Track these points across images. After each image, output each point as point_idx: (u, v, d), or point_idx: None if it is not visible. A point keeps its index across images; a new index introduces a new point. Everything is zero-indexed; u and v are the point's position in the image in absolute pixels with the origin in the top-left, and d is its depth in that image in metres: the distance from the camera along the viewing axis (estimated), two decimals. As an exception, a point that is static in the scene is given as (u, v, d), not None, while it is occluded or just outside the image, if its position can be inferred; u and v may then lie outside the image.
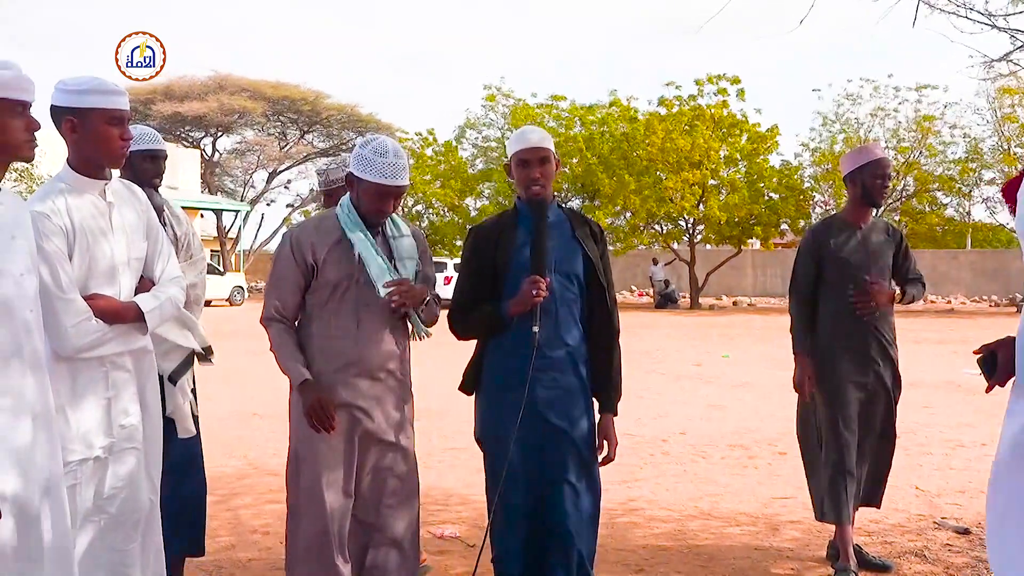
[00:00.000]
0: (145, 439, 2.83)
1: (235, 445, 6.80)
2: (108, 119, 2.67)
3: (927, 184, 27.35)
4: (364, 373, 2.98)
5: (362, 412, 2.98)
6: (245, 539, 4.52)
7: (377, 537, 3.03)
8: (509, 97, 32.80)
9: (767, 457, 6.56)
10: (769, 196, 28.78)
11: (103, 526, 2.71)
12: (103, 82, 2.71)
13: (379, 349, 3.00)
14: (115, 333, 2.69)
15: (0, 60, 2.38)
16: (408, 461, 3.10)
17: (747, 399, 9.46)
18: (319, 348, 2.99)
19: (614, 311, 3.24)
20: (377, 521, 3.03)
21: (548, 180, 3.15)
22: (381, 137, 3.04)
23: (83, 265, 2.67)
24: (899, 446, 6.87)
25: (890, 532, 4.66)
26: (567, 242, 3.17)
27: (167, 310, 2.86)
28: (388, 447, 3.04)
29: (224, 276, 29.55)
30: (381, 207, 2.99)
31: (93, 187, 2.75)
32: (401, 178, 2.97)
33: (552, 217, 3.18)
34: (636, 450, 6.68)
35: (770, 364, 12.73)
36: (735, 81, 28.23)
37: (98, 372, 2.70)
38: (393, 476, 3.05)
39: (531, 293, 2.97)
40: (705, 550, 4.37)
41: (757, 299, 34.24)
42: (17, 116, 2.37)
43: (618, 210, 28.74)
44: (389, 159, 2.94)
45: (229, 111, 42.69)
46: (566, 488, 3.08)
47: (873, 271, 4.07)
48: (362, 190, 2.99)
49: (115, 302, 2.71)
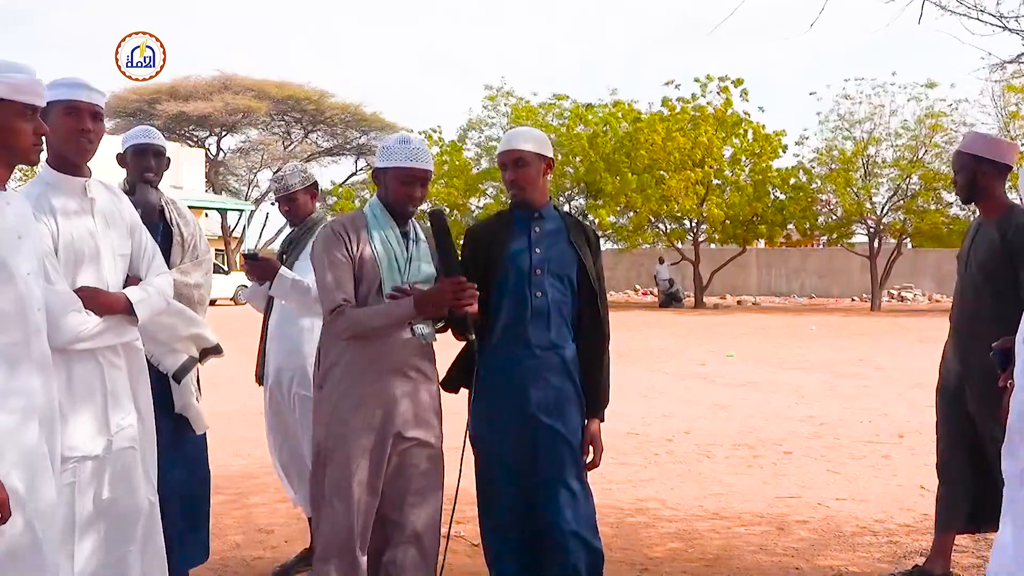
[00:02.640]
0: (142, 440, 2.84)
1: (242, 444, 6.81)
2: (65, 110, 2.72)
3: (932, 182, 27.26)
4: (394, 370, 2.95)
5: (392, 409, 2.96)
6: (252, 538, 4.52)
7: (397, 534, 3.01)
8: (511, 96, 32.78)
9: (772, 456, 6.55)
10: (775, 196, 28.75)
11: (103, 527, 2.71)
12: (66, 77, 2.77)
13: (408, 347, 2.98)
14: (106, 325, 2.69)
15: (15, 63, 2.39)
16: (434, 459, 3.07)
17: (752, 398, 9.45)
18: (351, 343, 2.96)
19: (605, 318, 3.24)
20: (399, 518, 3.01)
21: (526, 182, 3.16)
22: (402, 132, 3.07)
23: (68, 260, 2.69)
24: (905, 445, 6.92)
25: (897, 532, 4.66)
26: (562, 247, 3.19)
27: (156, 301, 2.86)
28: (416, 444, 3.01)
29: (228, 275, 29.61)
30: (408, 192, 2.99)
31: (73, 183, 2.78)
32: (424, 161, 2.99)
33: (549, 222, 3.21)
34: (641, 450, 6.67)
35: (775, 363, 12.72)
36: (738, 82, 28.22)
37: (94, 371, 2.70)
38: (418, 473, 3.02)
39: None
40: (711, 550, 4.37)
41: (762, 298, 34.21)
42: (27, 120, 2.39)
43: (621, 209, 28.71)
44: (412, 145, 3.00)
45: (234, 110, 42.78)
46: (560, 487, 3.09)
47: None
48: (388, 179, 3.00)
49: (103, 292, 2.73)
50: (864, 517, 4.92)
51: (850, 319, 22.91)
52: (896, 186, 27.97)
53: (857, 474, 6.00)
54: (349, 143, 47.38)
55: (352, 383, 2.95)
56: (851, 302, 32.29)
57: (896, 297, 32.93)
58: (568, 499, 3.09)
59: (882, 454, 6.63)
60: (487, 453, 3.17)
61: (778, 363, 12.77)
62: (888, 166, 28.15)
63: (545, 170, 3.21)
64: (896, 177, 27.85)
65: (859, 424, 7.89)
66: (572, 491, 3.10)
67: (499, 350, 3.13)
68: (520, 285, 3.13)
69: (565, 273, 3.17)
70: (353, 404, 2.94)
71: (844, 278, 35.35)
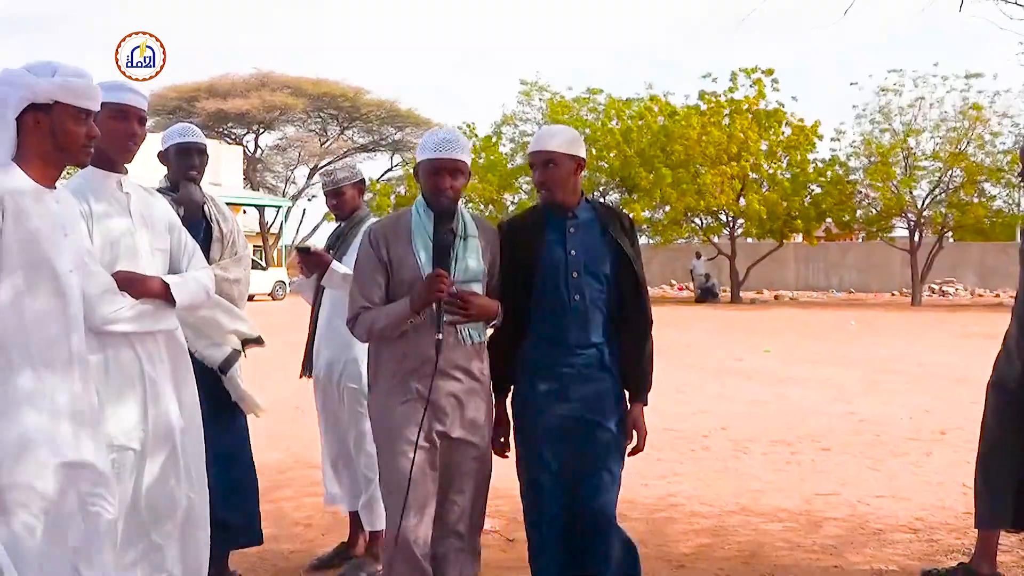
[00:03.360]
0: (183, 433, 2.87)
1: (277, 438, 6.88)
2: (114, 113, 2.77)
3: (975, 175, 26.73)
4: (441, 372, 2.91)
5: (437, 409, 2.94)
6: (287, 531, 4.57)
7: (440, 528, 3.01)
8: (545, 91, 32.71)
9: (810, 453, 6.48)
10: (812, 189, 28.42)
11: (139, 518, 2.75)
12: (115, 80, 2.85)
13: (456, 348, 2.96)
14: (143, 308, 2.73)
15: (73, 67, 2.48)
16: (482, 459, 3.06)
17: (789, 394, 9.35)
18: (395, 345, 2.97)
19: (647, 301, 3.23)
20: (443, 514, 3.01)
21: (555, 183, 3.12)
22: (436, 127, 3.06)
23: (105, 249, 2.74)
24: (946, 442, 6.80)
25: (937, 530, 4.58)
26: (596, 241, 3.17)
27: (194, 288, 2.90)
28: (462, 443, 3.00)
29: (267, 271, 29.93)
30: (436, 182, 2.95)
31: (109, 180, 2.84)
32: (450, 151, 2.94)
33: (583, 218, 3.19)
34: (676, 445, 6.64)
35: (813, 359, 12.58)
36: (769, 72, 27.94)
37: (132, 364, 2.74)
38: (464, 471, 3.02)
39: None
40: (746, 546, 4.33)
41: (799, 293, 33.84)
42: (81, 123, 2.47)
43: (656, 204, 28.55)
44: (440, 135, 2.98)
45: (271, 108, 43.18)
46: (604, 476, 3.09)
47: None
48: (421, 172, 3.00)
49: (140, 275, 2.77)
50: (903, 515, 4.85)
51: (890, 314, 22.57)
52: (937, 179, 27.49)
53: (897, 471, 5.91)
54: (384, 139, 47.61)
55: (398, 384, 2.96)
56: (891, 297, 31.82)
57: (937, 292, 32.37)
58: (609, 490, 3.10)
59: (923, 451, 6.53)
60: (529, 452, 3.16)
61: (816, 359, 12.62)
62: (928, 159, 27.67)
63: (576, 169, 3.16)
64: (936, 170, 27.37)
65: (900, 421, 7.77)
66: (612, 475, 3.11)
67: (539, 351, 3.13)
68: (557, 288, 3.12)
69: (602, 270, 3.15)
70: (399, 404, 2.95)
71: (884, 272, 34.83)
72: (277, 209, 39.65)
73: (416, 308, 2.88)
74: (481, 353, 3.07)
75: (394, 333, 2.94)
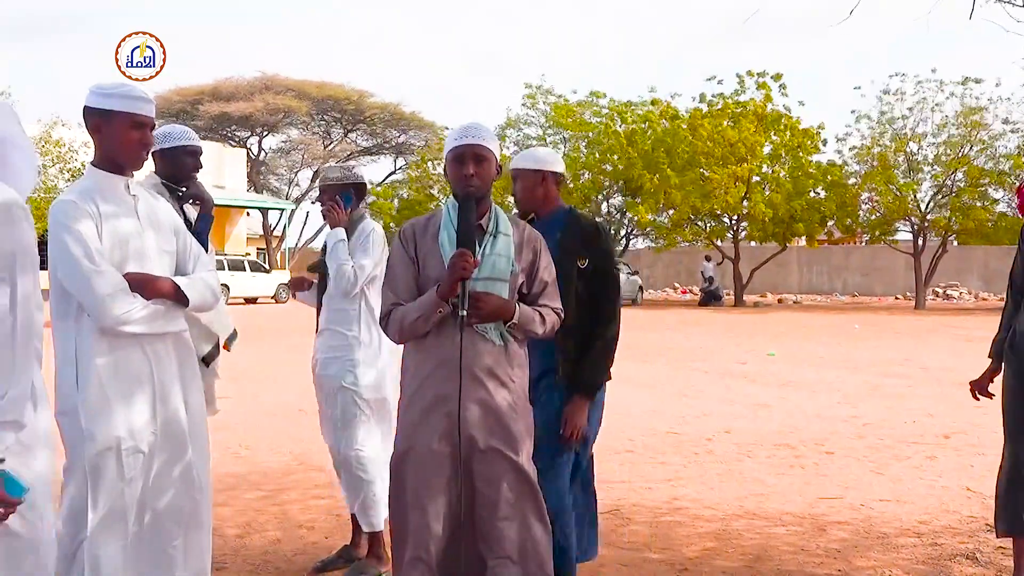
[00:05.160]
0: (189, 434, 2.87)
1: (281, 440, 6.88)
2: (131, 123, 2.78)
3: (977, 179, 26.71)
4: (464, 373, 2.80)
5: (460, 413, 2.81)
6: (291, 534, 4.57)
7: (492, 550, 2.86)
8: (549, 94, 32.72)
9: (814, 457, 6.47)
10: (814, 193, 28.42)
11: (148, 519, 2.75)
12: (131, 88, 2.83)
13: (478, 349, 2.84)
14: (155, 309, 2.74)
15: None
16: (521, 473, 2.87)
17: (793, 398, 9.34)
18: (419, 344, 2.91)
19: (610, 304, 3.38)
20: (493, 532, 2.86)
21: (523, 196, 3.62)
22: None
23: (114, 250, 2.74)
24: (950, 446, 6.79)
25: (941, 534, 4.57)
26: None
27: (199, 288, 2.90)
28: (497, 455, 2.85)
29: (270, 274, 29.96)
30: (461, 172, 2.89)
31: (116, 181, 2.85)
32: (471, 137, 2.89)
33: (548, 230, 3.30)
34: (680, 449, 6.63)
35: (817, 363, 12.56)
36: (777, 77, 27.97)
37: (142, 364, 2.75)
38: (506, 487, 2.85)
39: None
40: (751, 550, 4.33)
41: (803, 296, 33.82)
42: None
43: (661, 207, 28.55)
44: (465, 124, 2.96)
45: (275, 110, 43.28)
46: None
47: None
48: (447, 165, 2.97)
49: (151, 276, 2.78)
50: (907, 519, 4.84)
51: (894, 318, 22.54)
52: (940, 183, 27.46)
53: (901, 475, 5.90)
54: (388, 142, 47.70)
55: (420, 388, 2.89)
56: (895, 300, 31.79)
57: (941, 295, 32.35)
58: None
59: (927, 455, 6.52)
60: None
61: (820, 362, 12.61)
62: (930, 163, 27.66)
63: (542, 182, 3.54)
64: (939, 174, 27.35)
65: (903, 424, 7.76)
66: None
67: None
68: None
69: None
70: (422, 409, 2.87)
71: (887, 276, 34.82)
72: (280, 212, 39.72)
73: (444, 293, 2.79)
74: (512, 359, 2.93)
75: (426, 326, 2.84)
